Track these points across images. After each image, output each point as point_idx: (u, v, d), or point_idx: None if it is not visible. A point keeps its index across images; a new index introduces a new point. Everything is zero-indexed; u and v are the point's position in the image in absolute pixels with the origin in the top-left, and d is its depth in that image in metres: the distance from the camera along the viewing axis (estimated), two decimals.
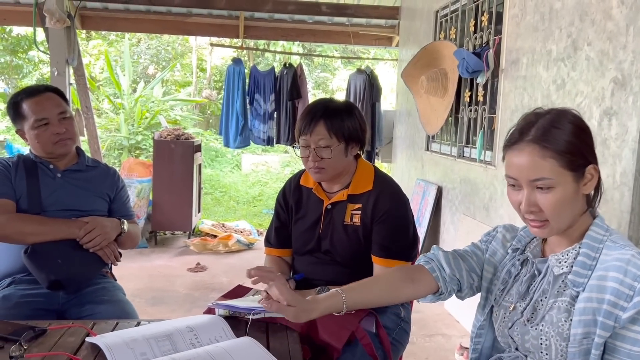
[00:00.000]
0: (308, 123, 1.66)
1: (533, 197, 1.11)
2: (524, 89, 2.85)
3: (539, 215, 1.11)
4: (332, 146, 1.65)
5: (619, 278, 1.04)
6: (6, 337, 1.33)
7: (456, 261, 1.31)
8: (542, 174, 1.08)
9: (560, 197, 1.09)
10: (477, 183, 3.44)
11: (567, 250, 1.15)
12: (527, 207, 1.11)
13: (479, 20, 3.46)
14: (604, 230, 1.13)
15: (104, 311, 1.78)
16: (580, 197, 1.13)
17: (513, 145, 1.13)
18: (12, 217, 1.80)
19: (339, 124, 1.66)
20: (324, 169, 1.68)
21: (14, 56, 10.64)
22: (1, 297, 1.80)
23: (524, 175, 1.10)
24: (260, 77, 5.63)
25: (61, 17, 4.30)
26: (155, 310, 3.55)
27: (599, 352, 1.05)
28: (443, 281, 1.28)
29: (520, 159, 1.11)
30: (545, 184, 1.09)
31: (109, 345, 1.28)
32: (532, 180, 1.10)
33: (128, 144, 9.00)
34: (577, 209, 1.13)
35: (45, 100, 1.90)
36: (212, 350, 1.28)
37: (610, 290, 1.04)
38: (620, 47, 2.10)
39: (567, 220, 1.12)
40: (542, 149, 1.08)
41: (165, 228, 5.43)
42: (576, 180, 1.10)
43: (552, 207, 1.09)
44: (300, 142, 1.70)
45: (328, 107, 1.69)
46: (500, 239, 1.31)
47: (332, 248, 1.74)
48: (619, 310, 1.03)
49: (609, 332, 1.04)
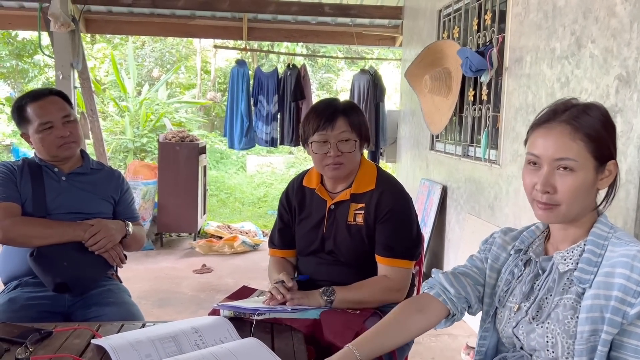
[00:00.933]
0: (328, 118, 1.66)
1: (552, 178, 1.10)
2: (528, 88, 2.84)
3: (551, 197, 1.11)
4: (354, 140, 1.68)
5: (626, 274, 1.03)
6: (12, 340, 1.34)
7: (458, 280, 1.30)
8: (568, 154, 1.08)
9: (579, 182, 1.09)
10: (482, 182, 3.43)
11: (572, 247, 1.15)
12: (543, 186, 1.11)
13: (482, 19, 3.45)
14: (608, 228, 1.13)
15: (110, 313, 1.79)
16: (595, 191, 1.13)
17: (543, 124, 1.13)
18: (18, 221, 1.81)
19: (357, 119, 1.70)
20: (343, 165, 1.68)
21: (19, 60, 10.69)
22: (8, 299, 1.82)
23: (549, 153, 1.10)
24: (264, 79, 5.64)
25: (65, 21, 4.33)
26: (162, 312, 3.56)
27: (606, 349, 1.05)
28: (451, 303, 1.28)
29: (548, 137, 1.11)
30: (569, 165, 1.09)
31: (115, 347, 1.28)
32: (556, 160, 1.09)
33: (133, 146, 9.03)
34: (588, 201, 1.13)
35: (49, 104, 1.91)
36: (217, 352, 1.28)
37: (618, 286, 1.04)
38: (624, 44, 2.09)
39: (577, 209, 1.12)
40: (574, 130, 1.09)
41: (171, 230, 5.45)
42: (597, 170, 1.10)
43: (568, 190, 1.09)
44: (316, 138, 1.67)
45: (341, 104, 1.72)
46: (500, 243, 1.30)
47: (335, 248, 1.74)
48: (626, 307, 1.03)
49: (616, 328, 1.03)
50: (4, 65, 10.73)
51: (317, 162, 1.71)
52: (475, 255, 1.36)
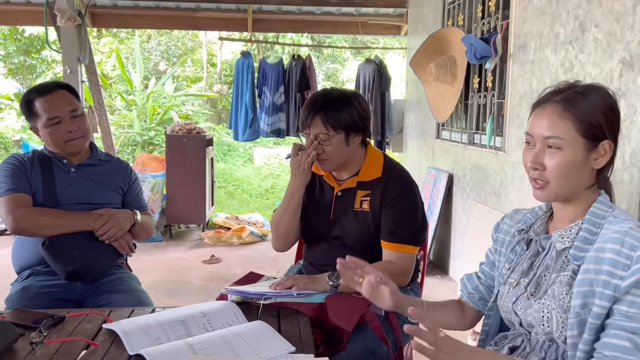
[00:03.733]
0: (306, 117, 1.72)
1: (541, 155, 1.14)
2: (532, 73, 2.84)
3: (541, 174, 1.14)
4: (330, 137, 1.69)
5: (616, 249, 1.06)
6: (27, 325, 1.38)
7: (480, 278, 1.41)
8: (555, 132, 1.12)
9: (567, 160, 1.12)
10: (487, 169, 3.43)
11: (570, 226, 1.17)
12: (533, 163, 1.15)
13: (487, 5, 3.44)
14: (606, 207, 1.15)
15: (120, 300, 1.83)
16: (589, 170, 1.14)
17: (541, 104, 1.17)
18: (29, 211, 1.85)
19: (334, 115, 1.69)
20: (327, 160, 1.73)
21: (27, 56, 10.76)
22: (21, 288, 1.86)
23: (539, 131, 1.14)
24: (268, 70, 5.65)
25: (72, 16, 4.35)
26: (172, 301, 3.61)
27: (598, 322, 1.07)
28: (482, 305, 1.40)
29: (541, 117, 1.15)
30: (556, 144, 1.12)
31: (125, 331, 1.32)
32: (545, 138, 1.13)
33: (141, 139, 9.09)
34: (582, 179, 1.15)
35: (57, 99, 1.93)
36: (225, 334, 1.32)
37: (608, 260, 1.06)
38: (627, 27, 2.08)
39: (568, 187, 1.14)
40: (563, 110, 1.12)
41: (180, 221, 5.50)
42: (587, 149, 1.12)
43: (556, 168, 1.12)
44: (304, 135, 1.77)
45: (325, 100, 1.72)
46: (505, 229, 1.35)
47: (342, 234, 1.77)
48: (617, 280, 1.04)
49: (609, 301, 1.05)
50: (12, 61, 10.81)
51: None
52: (489, 248, 1.41)
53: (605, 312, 1.06)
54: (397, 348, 1.62)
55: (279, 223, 1.84)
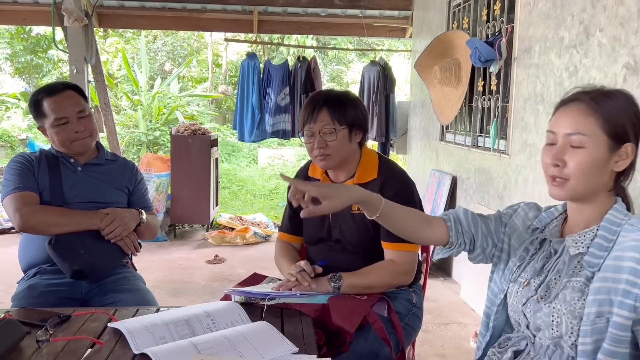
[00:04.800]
0: (311, 112, 1.71)
1: (564, 152, 1.13)
2: (536, 77, 2.84)
3: (562, 171, 1.13)
4: (337, 131, 1.70)
5: (636, 257, 1.05)
6: (33, 323, 1.39)
7: (474, 219, 1.34)
8: (579, 128, 1.11)
9: (589, 158, 1.11)
10: (491, 172, 3.44)
11: (584, 231, 1.16)
12: (554, 159, 1.14)
13: (492, 9, 3.45)
14: (623, 215, 1.14)
15: (125, 299, 1.85)
16: (609, 172, 1.14)
17: (566, 103, 1.17)
18: (36, 209, 1.87)
19: (341, 110, 1.71)
20: (330, 156, 1.72)
21: (34, 56, 10.83)
22: (27, 286, 1.88)
23: (563, 127, 1.14)
24: (273, 71, 5.66)
25: (79, 16, 4.39)
26: (175, 301, 3.63)
27: (621, 333, 1.05)
28: (456, 232, 1.32)
29: (566, 114, 1.15)
30: (579, 141, 1.11)
31: (130, 330, 1.33)
32: (568, 134, 1.13)
33: (146, 139, 9.13)
34: (602, 180, 1.14)
35: (65, 99, 1.95)
36: (229, 334, 1.33)
37: (628, 269, 1.05)
38: (632, 32, 2.09)
39: (587, 187, 1.13)
40: (589, 108, 1.12)
41: (184, 221, 5.52)
42: (610, 149, 1.12)
43: (577, 164, 1.11)
44: (305, 133, 1.75)
45: (329, 96, 1.74)
46: (522, 216, 1.33)
47: (342, 236, 1.78)
48: (637, 289, 1.04)
49: (629, 311, 1.04)
50: (19, 61, 10.88)
51: (309, 152, 1.78)
52: (500, 212, 1.38)
53: (630, 324, 1.05)
54: (399, 349, 1.63)
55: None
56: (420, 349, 2.83)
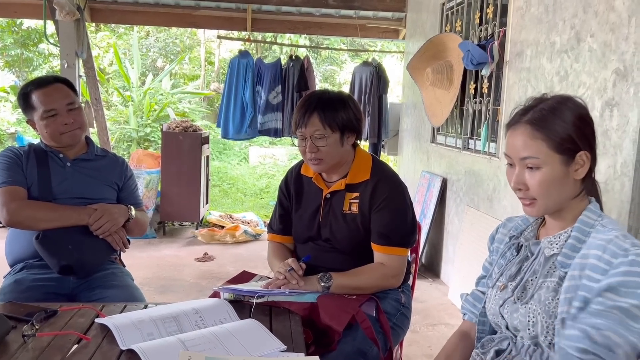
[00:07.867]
0: (302, 116, 1.71)
1: (522, 175, 1.17)
2: (527, 81, 2.86)
3: (526, 193, 1.18)
4: (327, 136, 1.69)
5: (598, 254, 1.08)
6: (19, 318, 1.38)
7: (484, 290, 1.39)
8: (529, 152, 1.15)
9: (547, 177, 1.14)
10: (481, 175, 3.46)
11: (559, 233, 1.19)
12: (515, 184, 1.18)
13: (485, 12, 3.47)
14: (596, 216, 1.17)
15: (113, 295, 1.84)
16: (571, 181, 1.17)
17: (512, 126, 1.20)
18: (24, 204, 1.86)
19: (332, 114, 1.70)
20: (322, 160, 1.72)
21: (24, 49, 10.71)
22: (14, 281, 1.86)
23: (515, 153, 1.17)
24: (264, 69, 5.65)
25: (71, 10, 4.35)
26: (164, 298, 3.61)
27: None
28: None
29: (514, 138, 1.18)
30: (533, 163, 1.15)
31: (118, 326, 1.33)
32: (522, 159, 1.16)
33: (137, 136, 9.07)
34: (567, 191, 1.17)
35: (54, 92, 1.94)
36: (217, 331, 1.33)
37: (589, 265, 1.08)
38: (622, 38, 2.11)
39: (555, 201, 1.17)
40: (533, 130, 1.15)
41: (174, 219, 5.50)
42: (565, 163, 1.15)
43: (538, 185, 1.15)
44: (297, 135, 1.74)
45: (321, 99, 1.72)
46: (500, 238, 1.38)
47: (331, 236, 1.78)
48: (592, 283, 1.06)
49: (580, 302, 1.07)
50: (9, 54, 10.76)
51: (302, 155, 1.78)
52: (485, 260, 1.43)
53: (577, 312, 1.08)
54: (387, 349, 1.63)
55: None
56: (407, 349, 2.84)
